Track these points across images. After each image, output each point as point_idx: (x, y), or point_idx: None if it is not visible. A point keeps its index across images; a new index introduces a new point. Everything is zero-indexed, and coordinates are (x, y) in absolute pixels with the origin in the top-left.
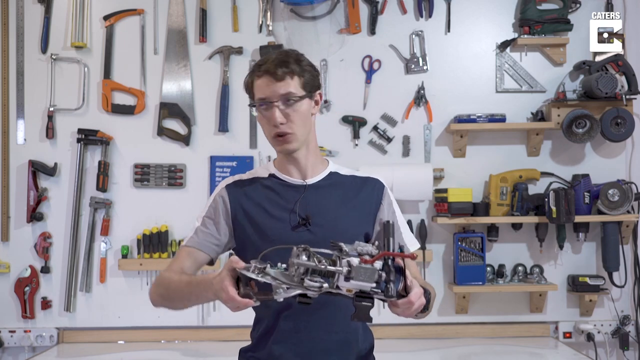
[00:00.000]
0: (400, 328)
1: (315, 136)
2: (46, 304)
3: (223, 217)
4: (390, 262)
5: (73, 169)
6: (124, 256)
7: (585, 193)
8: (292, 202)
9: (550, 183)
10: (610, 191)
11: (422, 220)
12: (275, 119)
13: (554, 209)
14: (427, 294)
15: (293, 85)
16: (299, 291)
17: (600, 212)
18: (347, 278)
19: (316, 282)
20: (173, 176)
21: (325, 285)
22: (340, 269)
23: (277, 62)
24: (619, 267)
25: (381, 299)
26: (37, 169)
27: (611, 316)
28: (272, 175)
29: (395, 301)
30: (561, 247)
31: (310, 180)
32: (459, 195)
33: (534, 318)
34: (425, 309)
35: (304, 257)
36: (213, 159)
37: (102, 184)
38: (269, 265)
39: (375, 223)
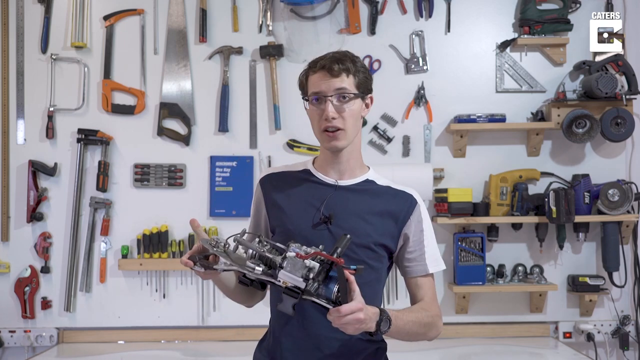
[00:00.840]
0: None
1: (360, 140)
2: (46, 304)
3: (262, 211)
4: (326, 267)
5: (73, 169)
6: (124, 256)
7: (585, 193)
8: (319, 200)
9: (550, 183)
10: (610, 191)
11: None
12: (328, 113)
13: (554, 209)
14: (383, 315)
15: (348, 83)
16: (236, 268)
17: (600, 212)
18: (281, 267)
19: (254, 264)
20: (173, 176)
21: (259, 268)
22: (277, 258)
23: (334, 59)
24: (619, 267)
25: (310, 300)
26: (37, 169)
27: (611, 316)
28: (306, 171)
29: (331, 309)
30: (561, 247)
31: (343, 182)
32: (459, 195)
33: (534, 318)
34: (378, 332)
35: (255, 243)
36: (213, 159)
37: (102, 184)
38: (228, 245)
39: (400, 238)
